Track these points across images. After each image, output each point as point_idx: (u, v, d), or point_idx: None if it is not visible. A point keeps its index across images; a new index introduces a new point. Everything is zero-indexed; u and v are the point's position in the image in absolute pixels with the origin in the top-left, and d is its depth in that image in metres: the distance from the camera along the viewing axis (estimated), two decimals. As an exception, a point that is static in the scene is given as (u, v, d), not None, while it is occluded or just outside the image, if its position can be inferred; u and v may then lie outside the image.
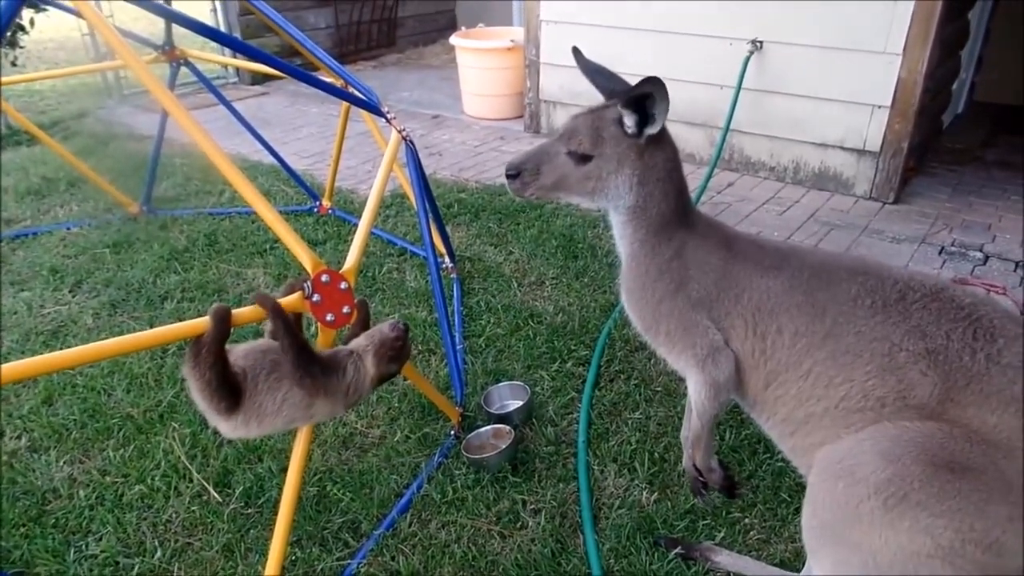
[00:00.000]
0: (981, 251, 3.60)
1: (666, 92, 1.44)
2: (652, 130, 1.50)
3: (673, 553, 1.90)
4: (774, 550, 1.94)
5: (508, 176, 1.62)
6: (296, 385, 1.52)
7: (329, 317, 1.63)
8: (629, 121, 1.50)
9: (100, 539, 1.98)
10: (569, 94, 5.04)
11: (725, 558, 1.89)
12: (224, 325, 1.41)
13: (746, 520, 2.03)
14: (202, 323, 1.42)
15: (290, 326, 1.51)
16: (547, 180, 1.59)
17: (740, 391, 1.56)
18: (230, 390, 1.46)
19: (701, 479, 1.73)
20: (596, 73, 1.68)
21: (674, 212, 1.58)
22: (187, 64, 3.65)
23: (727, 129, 4.28)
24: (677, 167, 1.59)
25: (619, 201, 1.58)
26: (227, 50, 5.83)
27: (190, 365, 1.43)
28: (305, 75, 2.16)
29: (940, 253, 3.61)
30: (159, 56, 3.53)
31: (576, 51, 1.73)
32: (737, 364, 1.52)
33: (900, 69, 3.87)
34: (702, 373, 1.55)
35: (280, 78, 6.63)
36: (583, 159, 1.55)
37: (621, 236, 1.64)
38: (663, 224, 1.57)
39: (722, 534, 1.98)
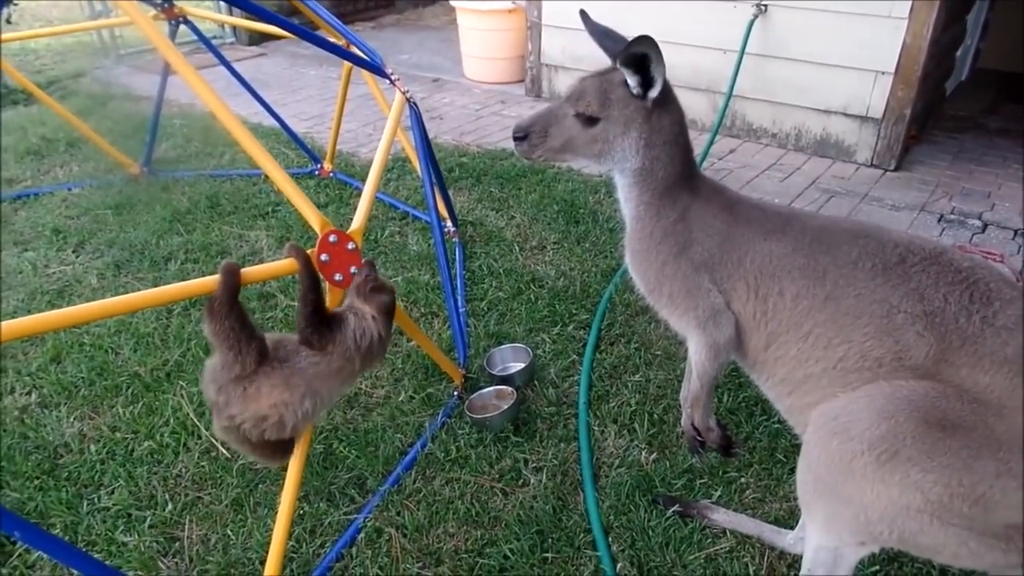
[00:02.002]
0: (980, 219, 3.62)
1: (659, 50, 1.43)
2: (654, 92, 1.50)
3: (671, 511, 1.96)
4: (769, 508, 2.00)
5: (516, 138, 1.63)
6: (302, 342, 1.55)
7: (337, 276, 1.65)
8: (632, 81, 1.51)
9: (112, 492, 2.03)
10: (571, 58, 4.99)
11: (721, 516, 1.95)
12: (233, 279, 1.43)
13: (742, 479, 2.08)
14: (209, 281, 1.43)
15: (316, 279, 1.55)
16: (555, 142, 1.60)
17: (740, 352, 1.59)
18: (254, 334, 1.46)
19: (699, 438, 1.77)
20: (603, 35, 1.67)
21: (679, 175, 1.59)
22: (186, 22, 3.60)
23: (730, 95, 4.24)
24: (683, 131, 1.60)
25: (625, 163, 1.59)
26: (224, 8, 5.76)
27: (208, 320, 1.44)
28: (308, 33, 2.13)
29: (939, 221, 3.63)
30: (158, 14, 3.48)
31: (584, 13, 1.72)
32: (738, 326, 1.55)
33: (905, 34, 3.84)
34: (703, 334, 1.58)
35: (278, 38, 6.54)
36: (591, 121, 1.56)
37: (626, 199, 1.65)
38: (668, 187, 1.58)
39: (719, 493, 2.03)
